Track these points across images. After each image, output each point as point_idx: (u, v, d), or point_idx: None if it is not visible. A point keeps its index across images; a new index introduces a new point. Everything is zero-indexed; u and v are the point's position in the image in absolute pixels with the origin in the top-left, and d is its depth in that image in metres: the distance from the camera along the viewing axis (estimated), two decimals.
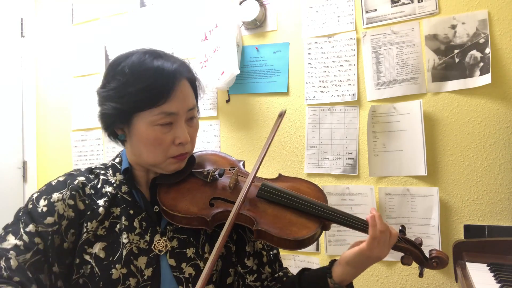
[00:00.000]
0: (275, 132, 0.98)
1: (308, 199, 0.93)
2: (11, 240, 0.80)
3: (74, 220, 0.88)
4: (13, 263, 0.77)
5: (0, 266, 0.76)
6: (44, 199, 0.87)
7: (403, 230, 0.95)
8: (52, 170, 2.42)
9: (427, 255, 0.93)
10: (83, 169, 0.99)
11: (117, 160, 1.00)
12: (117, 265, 0.86)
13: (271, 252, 1.04)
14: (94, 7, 2.29)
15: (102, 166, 1.00)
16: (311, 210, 0.91)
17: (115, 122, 0.91)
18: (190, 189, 0.95)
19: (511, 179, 1.47)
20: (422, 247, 0.93)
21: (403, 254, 0.92)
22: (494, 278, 1.16)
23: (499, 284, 1.11)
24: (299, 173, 1.79)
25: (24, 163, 2.38)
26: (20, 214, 0.86)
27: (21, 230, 0.82)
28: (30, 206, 0.86)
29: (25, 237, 0.81)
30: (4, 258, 0.77)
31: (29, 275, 0.77)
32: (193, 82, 0.96)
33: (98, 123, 0.95)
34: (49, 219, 0.84)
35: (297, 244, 0.86)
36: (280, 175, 1.05)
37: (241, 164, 1.06)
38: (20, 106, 2.39)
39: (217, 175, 0.97)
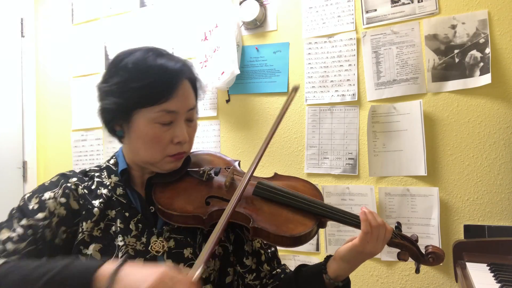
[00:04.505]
0: (286, 110, 0.96)
1: (305, 196, 0.93)
2: (6, 234, 0.82)
3: (65, 218, 0.88)
4: (10, 247, 0.80)
5: None
6: (36, 198, 0.88)
7: (399, 226, 0.95)
8: (52, 170, 2.42)
9: (423, 251, 0.93)
10: (77, 171, 0.99)
11: (112, 161, 0.99)
12: None
13: (269, 250, 1.04)
14: (94, 7, 2.29)
15: (96, 168, 1.00)
16: (307, 208, 0.91)
17: (115, 117, 0.91)
18: (186, 188, 0.95)
19: (511, 179, 1.47)
20: (418, 244, 0.94)
21: (399, 250, 0.93)
22: (494, 278, 1.16)
23: (499, 284, 1.11)
24: (299, 173, 1.79)
25: (24, 163, 2.38)
26: (13, 212, 0.87)
27: (14, 224, 0.84)
28: (21, 203, 0.88)
29: (19, 230, 0.83)
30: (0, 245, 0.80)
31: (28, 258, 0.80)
32: (194, 83, 0.95)
33: (98, 118, 0.94)
34: (40, 215, 0.85)
35: (294, 241, 0.86)
36: (275, 174, 1.05)
37: (236, 163, 1.06)
38: (20, 106, 2.39)
39: (212, 174, 0.97)
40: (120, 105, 0.87)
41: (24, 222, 0.84)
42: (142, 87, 0.86)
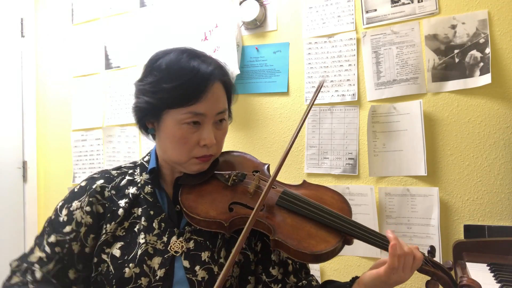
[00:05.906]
0: (311, 105, 0.95)
1: (330, 211, 0.89)
2: (37, 253, 0.90)
3: (93, 226, 0.92)
4: (38, 275, 0.87)
5: (27, 279, 0.86)
6: (66, 208, 0.93)
7: (432, 251, 0.89)
8: (52, 170, 2.42)
9: (457, 281, 0.85)
10: (111, 167, 1.03)
11: (146, 158, 1.03)
12: (130, 264, 0.88)
13: (297, 261, 1.00)
14: (94, 7, 2.29)
15: (131, 165, 1.04)
16: (332, 224, 0.86)
17: (146, 116, 0.93)
18: (211, 192, 0.94)
19: (511, 179, 1.47)
20: (451, 271, 0.87)
21: (429, 278, 0.85)
22: (494, 278, 1.16)
23: (499, 284, 1.11)
24: (299, 173, 1.79)
25: (24, 163, 2.38)
26: (46, 225, 0.94)
27: (44, 241, 0.91)
28: (53, 216, 0.94)
29: (47, 249, 0.89)
30: (30, 272, 0.87)
31: (55, 283, 0.88)
32: (227, 86, 0.96)
33: (132, 115, 0.98)
34: (68, 228, 0.91)
35: (315, 258, 0.82)
36: (304, 181, 1.02)
37: (265, 167, 1.04)
38: (20, 106, 2.39)
39: (238, 179, 0.95)
40: (151, 104, 0.90)
41: (52, 238, 0.90)
42: (173, 88, 0.87)
